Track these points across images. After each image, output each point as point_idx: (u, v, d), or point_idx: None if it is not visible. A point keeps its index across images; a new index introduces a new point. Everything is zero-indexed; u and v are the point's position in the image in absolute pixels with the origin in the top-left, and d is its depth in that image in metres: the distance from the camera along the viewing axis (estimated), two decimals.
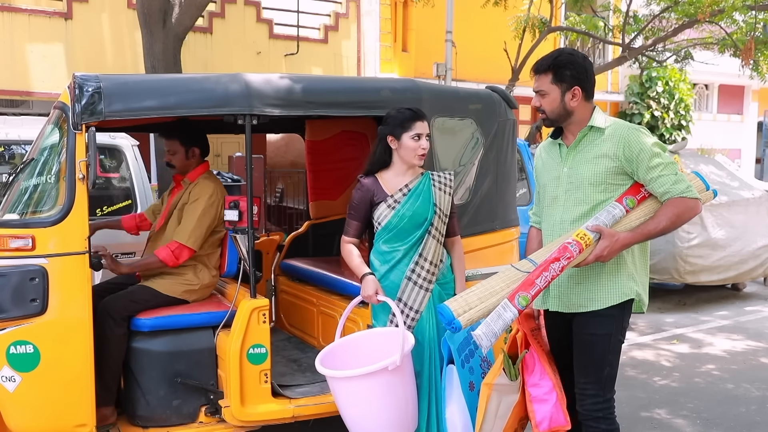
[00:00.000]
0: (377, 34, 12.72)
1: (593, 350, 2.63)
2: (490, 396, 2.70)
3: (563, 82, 2.64)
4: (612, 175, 2.63)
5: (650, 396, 4.76)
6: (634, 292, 2.65)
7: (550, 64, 2.66)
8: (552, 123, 2.75)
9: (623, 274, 2.64)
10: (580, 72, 2.65)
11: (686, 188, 2.56)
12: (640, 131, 2.63)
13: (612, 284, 2.63)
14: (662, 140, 15.34)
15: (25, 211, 3.16)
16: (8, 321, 2.87)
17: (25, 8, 9.73)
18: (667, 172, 2.56)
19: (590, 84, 2.69)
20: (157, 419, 3.25)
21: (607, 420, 2.66)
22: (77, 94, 2.89)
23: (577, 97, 2.64)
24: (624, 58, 10.42)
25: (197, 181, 3.57)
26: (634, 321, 7.04)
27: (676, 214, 2.55)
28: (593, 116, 2.68)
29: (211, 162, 8.90)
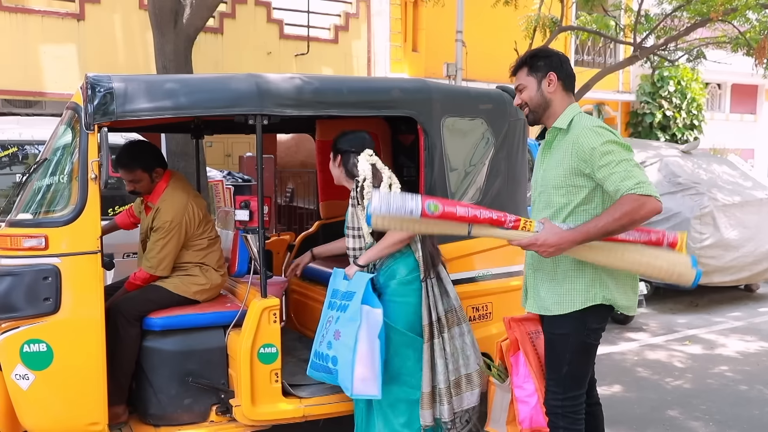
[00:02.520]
0: (387, 34, 12.71)
1: (553, 349, 2.68)
2: (495, 391, 2.99)
3: (538, 72, 2.68)
4: (570, 177, 2.58)
5: (662, 397, 4.73)
6: (600, 297, 2.59)
7: (524, 59, 2.73)
8: (535, 118, 2.75)
9: (587, 279, 2.60)
10: (554, 60, 2.68)
11: (636, 184, 2.39)
12: (592, 130, 2.54)
13: (573, 290, 2.61)
14: (674, 140, 15.24)
15: (38, 210, 3.19)
16: (22, 320, 2.89)
17: (38, 9, 9.80)
18: (617, 169, 2.44)
19: (565, 74, 2.69)
20: (168, 418, 3.27)
21: (566, 418, 2.68)
22: (89, 95, 2.91)
23: (553, 83, 2.66)
24: (635, 57, 10.34)
25: (158, 204, 3.48)
26: (645, 321, 7.01)
27: (623, 211, 2.39)
28: (561, 115, 2.66)
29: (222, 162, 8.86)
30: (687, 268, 2.60)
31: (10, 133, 4.85)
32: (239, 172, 9.93)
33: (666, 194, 7.64)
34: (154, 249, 3.41)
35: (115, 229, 3.96)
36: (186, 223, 3.45)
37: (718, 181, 7.85)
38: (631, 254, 2.55)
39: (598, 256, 2.53)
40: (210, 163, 8.59)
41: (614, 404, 4.60)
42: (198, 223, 3.51)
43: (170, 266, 3.44)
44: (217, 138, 11.04)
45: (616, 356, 5.78)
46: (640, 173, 2.44)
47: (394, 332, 3.01)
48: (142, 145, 3.66)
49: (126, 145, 3.65)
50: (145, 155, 3.56)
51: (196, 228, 3.50)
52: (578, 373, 2.69)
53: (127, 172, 3.52)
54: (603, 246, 2.52)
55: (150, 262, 3.41)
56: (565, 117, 2.66)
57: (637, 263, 2.55)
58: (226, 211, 4.41)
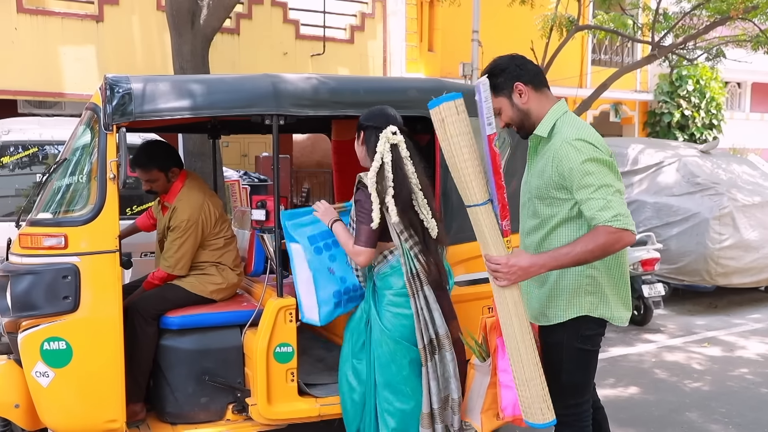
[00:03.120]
0: (403, 34, 12.69)
1: (548, 358, 2.56)
2: (474, 376, 2.77)
3: (503, 90, 2.56)
4: (552, 189, 2.48)
5: (680, 400, 4.68)
6: (585, 308, 2.50)
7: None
8: (525, 132, 2.62)
9: (571, 290, 2.50)
10: (512, 70, 2.56)
11: (613, 216, 2.28)
12: (571, 145, 2.39)
13: (559, 300, 2.53)
14: (693, 140, 15.07)
15: (57, 210, 3.22)
16: (42, 318, 2.93)
17: (58, 11, 9.91)
18: (596, 196, 2.32)
19: (531, 75, 2.56)
20: (185, 416, 3.29)
21: (572, 427, 2.61)
22: (108, 95, 2.94)
23: (525, 93, 2.54)
24: (653, 56, 10.24)
25: (174, 204, 3.50)
26: (663, 323, 6.94)
27: (597, 244, 2.30)
28: (542, 120, 2.53)
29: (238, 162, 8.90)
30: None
31: (31, 134, 4.91)
32: (255, 172, 9.98)
33: (684, 195, 7.57)
34: (172, 248, 3.43)
35: (135, 232, 4.00)
36: (202, 222, 3.47)
37: (737, 181, 7.76)
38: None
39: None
40: (226, 163, 8.64)
41: (632, 406, 4.56)
42: (214, 222, 3.53)
43: (188, 265, 3.46)
44: (234, 138, 11.10)
45: (633, 357, 5.73)
46: (618, 203, 2.32)
47: (391, 340, 2.93)
48: (158, 145, 3.68)
49: (142, 145, 3.68)
50: (160, 155, 3.58)
51: (212, 227, 3.52)
52: (577, 381, 2.58)
53: (144, 171, 3.55)
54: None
55: (168, 261, 3.44)
56: (546, 123, 2.54)
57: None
58: (243, 210, 4.43)
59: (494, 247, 2.41)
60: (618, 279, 2.55)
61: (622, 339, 6.31)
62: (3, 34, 9.52)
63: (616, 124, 16.43)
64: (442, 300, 2.94)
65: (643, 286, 6.63)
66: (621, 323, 2.56)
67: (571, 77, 13.68)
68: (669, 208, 7.58)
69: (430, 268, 2.90)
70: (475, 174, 2.41)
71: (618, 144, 8.86)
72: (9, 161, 4.79)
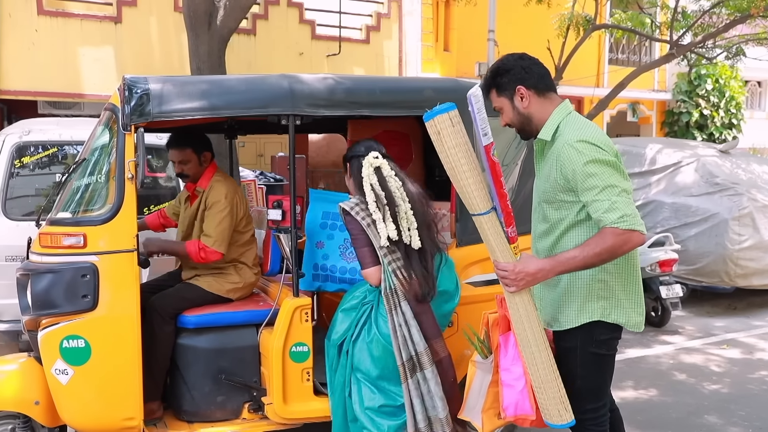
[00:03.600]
0: (419, 34, 12.67)
1: (563, 362, 2.53)
2: (475, 373, 2.73)
3: (506, 91, 2.53)
4: (559, 192, 2.46)
5: (699, 402, 4.63)
6: (597, 313, 2.46)
7: (489, 80, 2.57)
8: (526, 134, 2.61)
9: (583, 294, 2.47)
10: (516, 72, 2.51)
11: (619, 218, 2.25)
12: (573, 147, 2.36)
13: (571, 305, 2.49)
14: (711, 139, 14.90)
15: (77, 209, 3.26)
16: (61, 316, 2.96)
17: (77, 13, 10.02)
18: (601, 197, 2.29)
19: (535, 78, 2.51)
20: (201, 414, 3.31)
21: (588, 431, 2.56)
22: (126, 96, 2.97)
23: (526, 97, 2.50)
24: (672, 55, 10.14)
25: (210, 185, 3.57)
26: (681, 324, 6.88)
27: (604, 247, 2.27)
28: (545, 124, 2.50)
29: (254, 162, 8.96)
30: None
31: (51, 134, 4.96)
32: (271, 172, 10.01)
33: (703, 195, 7.49)
34: (212, 223, 3.43)
35: (143, 228, 4.02)
36: (236, 206, 3.52)
37: (757, 181, 7.66)
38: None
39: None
40: (242, 162, 8.67)
41: (649, 408, 4.52)
42: (243, 214, 3.59)
43: (226, 244, 3.45)
44: (250, 138, 11.14)
45: (651, 359, 5.68)
46: (623, 203, 2.28)
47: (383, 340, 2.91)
48: (192, 129, 3.72)
49: (177, 127, 3.70)
50: (195, 137, 3.64)
51: (240, 218, 3.57)
52: (593, 385, 2.54)
53: (178, 151, 3.58)
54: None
55: (209, 237, 3.42)
56: (550, 126, 2.50)
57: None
58: (259, 210, 4.45)
59: (501, 255, 2.41)
60: (631, 282, 2.51)
61: (639, 340, 6.25)
62: (24, 36, 9.64)
63: (634, 124, 16.29)
64: (423, 316, 2.90)
65: (660, 287, 6.56)
66: (636, 329, 2.52)
67: (587, 77, 13.59)
68: (687, 208, 7.51)
69: (411, 282, 2.87)
70: (476, 184, 2.41)
71: (635, 144, 8.79)
72: (29, 161, 4.85)
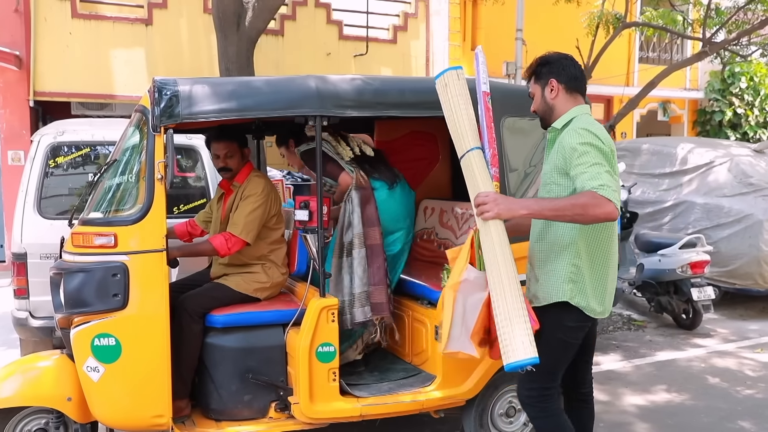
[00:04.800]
0: (446, 34, 12.63)
1: None
2: (455, 298, 2.62)
3: (541, 80, 2.78)
4: (555, 174, 2.66)
5: (732, 407, 4.53)
6: (568, 294, 2.62)
7: (532, 69, 2.83)
8: (544, 123, 2.83)
9: (564, 276, 2.64)
10: (555, 66, 2.75)
11: (600, 185, 2.42)
12: (576, 131, 2.57)
13: (549, 284, 2.67)
14: (745, 139, 14.58)
15: (108, 210, 3.31)
16: (93, 314, 3.01)
17: (110, 16, 10.20)
18: (589, 170, 2.46)
19: (568, 77, 2.74)
20: (229, 413, 3.34)
21: (534, 407, 2.76)
22: (156, 98, 3.01)
23: (555, 90, 2.73)
24: (705, 53, 9.94)
25: (248, 179, 3.64)
26: (713, 327, 6.75)
27: (579, 203, 2.42)
28: (561, 116, 2.72)
29: (281, 161, 8.95)
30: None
31: (83, 134, 5.04)
32: (298, 172, 10.06)
33: (737, 195, 7.33)
34: (243, 212, 3.48)
35: (170, 236, 4.06)
36: (271, 201, 3.57)
37: None
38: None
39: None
40: (269, 162, 8.73)
41: (680, 412, 4.44)
42: (276, 211, 3.63)
43: (254, 233, 3.49)
44: None
45: (682, 362, 5.58)
46: (609, 179, 2.44)
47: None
48: (236, 124, 3.78)
49: (209, 128, 3.76)
50: (240, 132, 3.72)
51: (273, 215, 3.61)
52: (549, 367, 2.68)
53: (224, 144, 3.62)
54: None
55: (236, 225, 3.47)
56: (564, 119, 2.71)
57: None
58: (286, 210, 4.47)
59: (483, 187, 2.58)
60: (600, 274, 2.68)
61: (670, 343, 6.15)
62: (58, 39, 9.85)
63: (665, 123, 16.02)
64: (367, 205, 3.58)
65: (692, 289, 6.44)
66: (593, 315, 2.67)
67: (617, 76, 13.40)
68: (720, 209, 7.36)
69: (358, 176, 3.68)
70: (470, 124, 2.71)
71: (666, 143, 8.64)
72: (63, 161, 4.94)
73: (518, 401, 3.27)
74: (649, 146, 8.65)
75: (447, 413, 3.58)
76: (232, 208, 3.59)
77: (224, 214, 3.67)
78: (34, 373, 3.27)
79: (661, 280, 6.67)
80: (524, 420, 3.70)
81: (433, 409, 3.49)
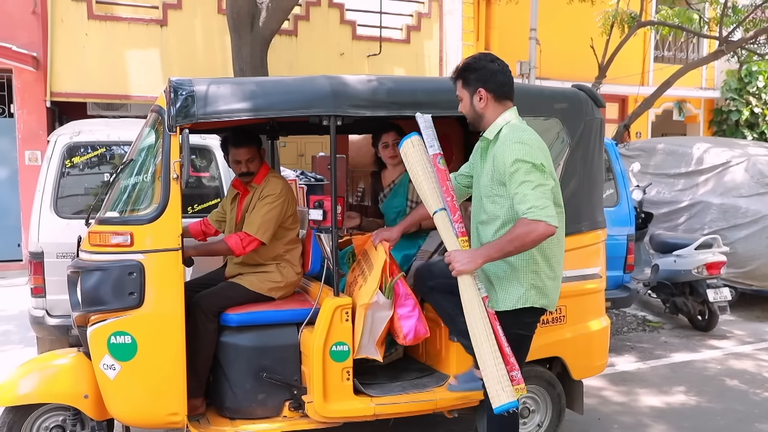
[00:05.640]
0: (460, 33, 12.60)
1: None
2: (365, 315, 3.19)
3: (469, 86, 2.79)
4: (495, 186, 2.74)
5: (749, 409, 4.49)
6: (531, 300, 2.76)
7: (458, 71, 2.84)
8: (474, 127, 2.88)
9: (525, 284, 2.76)
10: (484, 74, 2.75)
11: (528, 209, 2.52)
12: (508, 147, 2.63)
13: (511, 292, 2.78)
14: (762, 138, 14.43)
15: (124, 209, 3.34)
16: (109, 312, 3.04)
17: (125, 17, 10.28)
18: (519, 191, 2.56)
19: (497, 84, 2.75)
20: (243, 411, 3.35)
21: None
22: (172, 98, 3.03)
23: (484, 99, 2.76)
24: (721, 52, 9.85)
25: (266, 179, 3.65)
26: (729, 329, 6.68)
27: (515, 235, 2.57)
28: (491, 125, 2.76)
29: (295, 161, 9.01)
30: None
31: (100, 135, 5.08)
32: (312, 172, 10.09)
33: (754, 195, 7.26)
34: (259, 213, 3.50)
35: (185, 235, 4.09)
36: (288, 202, 3.59)
37: None
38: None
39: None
40: (283, 162, 8.77)
41: (696, 415, 4.41)
42: (292, 211, 3.65)
43: (269, 233, 3.51)
44: (291, 138, 11.21)
45: (698, 364, 5.54)
46: (534, 196, 2.54)
47: None
48: (250, 127, 3.79)
49: (238, 127, 3.74)
50: (257, 136, 3.74)
51: (289, 215, 3.62)
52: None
53: (246, 149, 3.62)
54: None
55: (253, 225, 3.49)
56: (494, 128, 2.76)
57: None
58: (300, 210, 4.49)
59: (449, 245, 2.77)
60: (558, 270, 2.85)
61: (685, 345, 6.10)
62: (75, 40, 9.94)
63: (680, 123, 15.88)
64: None
65: (708, 290, 6.39)
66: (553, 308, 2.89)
67: (632, 75, 13.31)
68: (736, 209, 7.29)
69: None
70: (430, 190, 2.86)
71: (682, 143, 8.57)
72: (79, 161, 4.98)
73: (527, 400, 3.60)
74: (665, 146, 8.59)
75: (461, 413, 3.57)
76: (249, 209, 3.60)
77: (239, 214, 3.68)
78: (51, 371, 3.30)
79: (677, 281, 6.61)
80: (538, 421, 3.69)
81: (446, 409, 3.48)
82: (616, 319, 6.95)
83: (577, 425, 4.10)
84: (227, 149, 3.73)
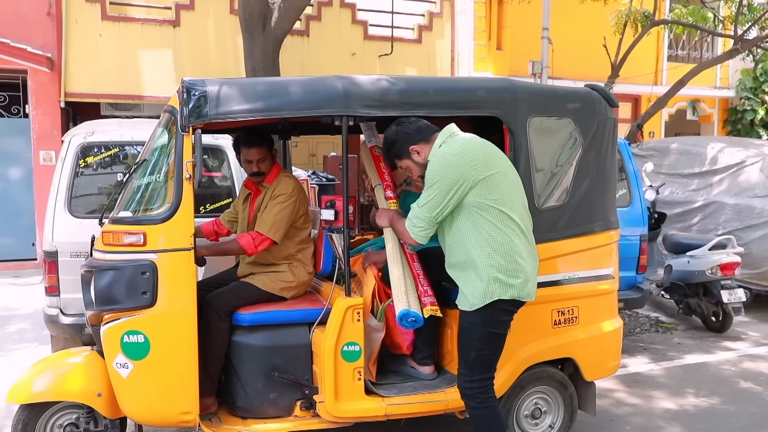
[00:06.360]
0: (471, 33, 12.57)
1: (463, 336, 2.99)
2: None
3: (404, 157, 3.10)
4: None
5: (764, 412, 4.45)
6: (498, 293, 2.87)
7: (388, 156, 3.20)
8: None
9: (485, 281, 2.88)
10: (402, 138, 3.07)
11: (409, 223, 2.98)
12: (435, 158, 2.94)
13: (474, 288, 2.91)
14: None
15: (137, 208, 3.36)
16: (122, 312, 3.06)
17: (138, 17, 10.35)
18: (418, 201, 2.95)
19: (416, 134, 3.06)
20: (255, 411, 3.37)
21: (476, 398, 2.98)
22: (185, 98, 3.04)
23: (420, 151, 3.06)
24: (736, 50, 9.76)
25: (278, 179, 3.66)
26: (744, 330, 6.62)
27: (398, 229, 3.13)
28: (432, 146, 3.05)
29: (306, 161, 9.02)
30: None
31: (113, 135, 5.12)
32: (323, 172, 10.10)
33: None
34: (271, 212, 3.52)
35: (197, 235, 4.10)
36: (300, 201, 3.60)
37: None
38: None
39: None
40: (295, 162, 8.78)
41: (710, 417, 4.37)
42: (304, 211, 3.66)
43: (281, 233, 3.52)
44: (302, 138, 11.27)
45: (712, 366, 5.49)
46: (417, 212, 2.94)
47: None
48: (263, 126, 3.80)
49: (249, 127, 3.76)
50: (268, 136, 3.76)
51: (301, 215, 3.63)
52: (486, 358, 2.98)
53: (258, 149, 3.64)
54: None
55: (264, 224, 3.50)
56: (434, 147, 3.05)
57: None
58: (312, 210, 4.50)
59: (382, 205, 3.43)
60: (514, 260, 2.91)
61: (699, 346, 6.05)
62: (89, 41, 10.02)
63: (694, 123, 15.76)
64: None
65: (722, 291, 6.33)
66: (528, 298, 2.97)
67: (645, 74, 13.22)
68: (751, 210, 7.22)
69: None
70: (371, 171, 3.65)
71: (696, 143, 8.50)
72: (93, 161, 5.02)
73: (539, 401, 3.64)
74: (678, 146, 8.52)
75: None
76: (261, 208, 3.61)
77: (251, 214, 3.70)
78: (65, 369, 3.33)
79: (690, 282, 6.56)
80: (549, 422, 3.67)
81: (458, 410, 3.47)
82: (629, 320, 6.91)
83: (589, 426, 4.08)
84: (239, 149, 3.75)
